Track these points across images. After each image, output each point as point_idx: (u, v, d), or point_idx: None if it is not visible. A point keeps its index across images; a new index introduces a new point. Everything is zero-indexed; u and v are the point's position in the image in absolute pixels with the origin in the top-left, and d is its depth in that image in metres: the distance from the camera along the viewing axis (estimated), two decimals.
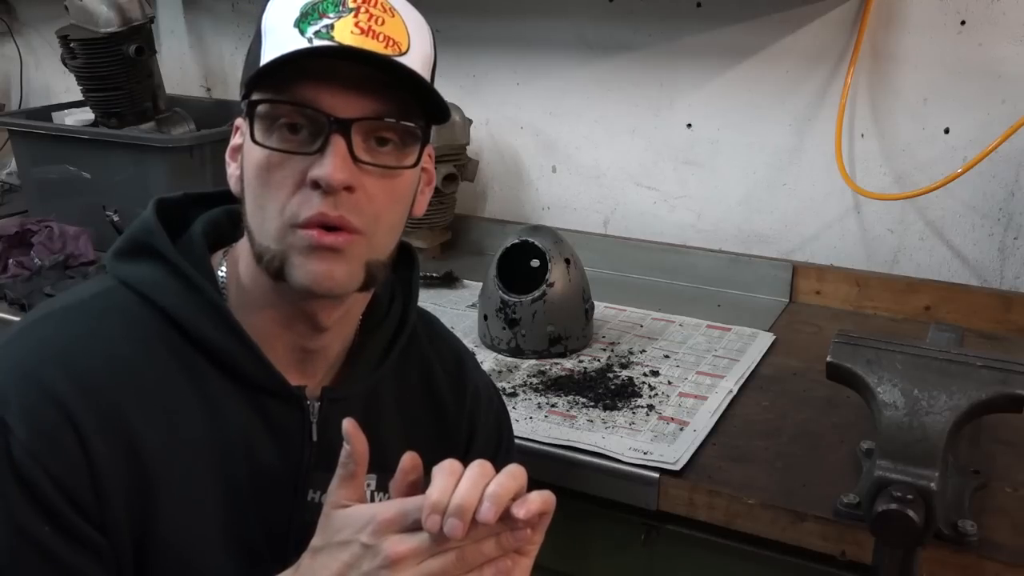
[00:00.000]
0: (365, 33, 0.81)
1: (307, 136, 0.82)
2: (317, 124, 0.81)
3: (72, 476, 0.78)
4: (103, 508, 0.80)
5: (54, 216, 1.95)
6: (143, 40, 1.96)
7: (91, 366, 0.81)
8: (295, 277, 0.83)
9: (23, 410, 0.78)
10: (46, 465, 0.77)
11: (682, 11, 1.86)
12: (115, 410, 0.81)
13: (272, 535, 0.89)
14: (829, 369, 1.09)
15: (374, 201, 0.83)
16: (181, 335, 0.86)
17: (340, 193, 0.81)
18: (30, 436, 0.77)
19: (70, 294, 0.90)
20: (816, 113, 1.80)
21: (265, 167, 0.83)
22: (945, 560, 1.07)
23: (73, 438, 0.78)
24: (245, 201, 0.87)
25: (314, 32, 0.81)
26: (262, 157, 0.83)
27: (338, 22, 0.81)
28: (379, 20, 0.83)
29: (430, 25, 0.90)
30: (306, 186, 0.81)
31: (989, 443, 1.28)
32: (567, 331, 1.56)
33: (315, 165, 0.80)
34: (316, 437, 0.92)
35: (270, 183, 0.83)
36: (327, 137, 0.80)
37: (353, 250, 0.83)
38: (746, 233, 1.92)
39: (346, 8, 0.82)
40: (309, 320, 0.89)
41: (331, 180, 0.79)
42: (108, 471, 0.80)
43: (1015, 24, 1.61)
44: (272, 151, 0.82)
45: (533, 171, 2.11)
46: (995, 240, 1.72)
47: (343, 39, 0.80)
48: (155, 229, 0.89)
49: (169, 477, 0.83)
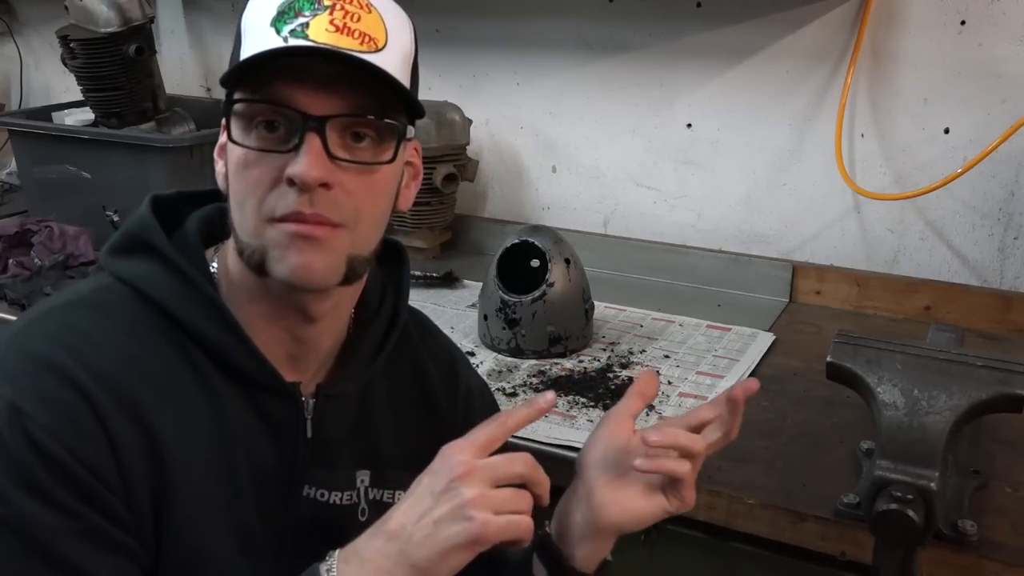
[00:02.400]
0: (340, 31, 0.81)
1: (283, 134, 0.82)
2: (292, 122, 0.81)
3: (97, 456, 0.78)
4: (128, 491, 0.80)
5: (54, 216, 1.95)
6: (143, 40, 1.96)
7: (102, 357, 0.81)
8: (276, 270, 0.83)
9: (41, 396, 0.78)
10: (72, 447, 0.77)
11: (682, 11, 1.86)
12: (130, 398, 0.81)
13: (268, 528, 0.90)
14: (829, 369, 1.09)
15: (353, 196, 0.84)
16: (179, 330, 0.86)
17: (316, 190, 0.81)
18: (52, 419, 0.77)
19: (68, 292, 0.90)
20: (816, 113, 1.80)
21: (243, 165, 0.83)
22: (945, 560, 1.07)
23: (94, 422, 0.78)
24: (229, 198, 0.87)
25: (289, 31, 0.81)
26: (241, 155, 0.84)
27: (313, 20, 0.81)
28: (355, 16, 0.83)
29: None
30: (283, 183, 0.82)
31: (989, 443, 1.28)
32: (567, 331, 1.56)
33: (291, 163, 0.81)
34: (311, 433, 0.92)
35: (248, 180, 0.83)
36: (302, 135, 0.81)
37: (333, 243, 0.83)
38: (746, 233, 1.92)
39: (321, 6, 0.82)
40: (299, 312, 0.89)
41: (305, 177, 0.80)
42: (130, 455, 0.80)
43: (1015, 24, 1.61)
44: (249, 150, 0.83)
45: (533, 171, 2.11)
46: (995, 240, 1.72)
47: (317, 37, 0.80)
48: (151, 225, 0.90)
49: (182, 465, 0.83)
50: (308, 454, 0.92)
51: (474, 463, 0.80)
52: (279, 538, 0.90)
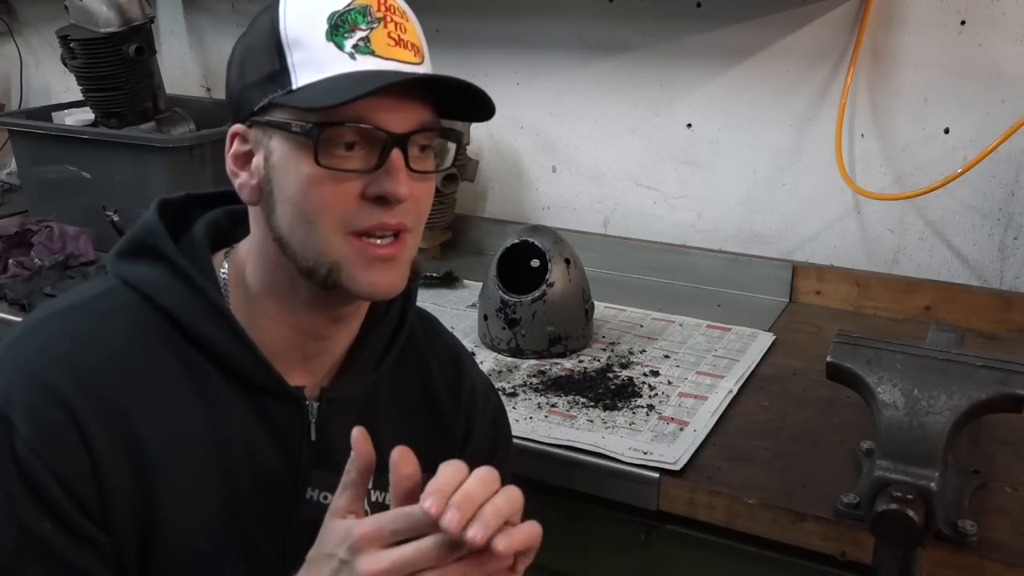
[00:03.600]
0: (397, 44, 0.83)
1: (363, 153, 0.83)
2: (373, 139, 0.83)
3: (75, 474, 0.79)
4: (106, 506, 0.80)
5: (54, 216, 1.95)
6: (143, 40, 1.96)
7: (95, 366, 0.82)
8: (353, 287, 0.85)
9: (27, 408, 0.79)
10: (49, 463, 0.78)
11: (682, 11, 1.86)
12: (118, 409, 0.81)
13: (271, 533, 0.90)
14: (829, 369, 1.09)
15: (419, 203, 0.87)
16: (182, 335, 0.86)
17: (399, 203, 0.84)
18: (34, 434, 0.78)
19: (72, 294, 0.90)
20: (816, 113, 1.80)
21: (317, 183, 0.83)
22: (945, 560, 1.07)
23: (76, 437, 0.79)
24: (274, 212, 0.86)
25: (352, 46, 0.82)
26: (313, 174, 0.83)
27: (372, 34, 0.82)
28: (402, 28, 0.85)
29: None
30: (366, 200, 0.83)
31: (989, 443, 1.28)
32: (567, 331, 1.56)
33: (375, 181, 0.83)
34: (315, 437, 0.92)
35: (323, 198, 0.83)
36: (386, 153, 0.82)
37: (405, 253, 0.87)
38: (746, 233, 1.92)
39: (374, 18, 0.83)
40: (329, 314, 0.91)
41: (398, 195, 0.82)
42: (111, 469, 0.80)
43: (1015, 24, 1.61)
44: (332, 171, 0.82)
45: (533, 171, 2.11)
46: (995, 240, 1.72)
47: (382, 52, 0.82)
48: (158, 230, 0.90)
49: (171, 475, 0.83)
50: (311, 458, 0.92)
51: (378, 567, 0.73)
52: (282, 542, 0.90)
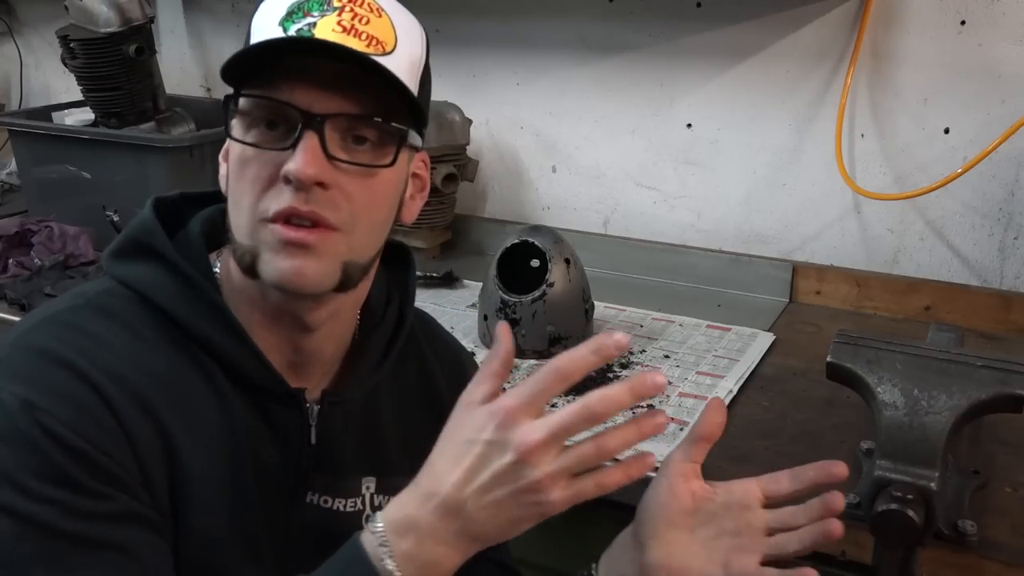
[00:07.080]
0: (347, 31, 0.81)
1: (283, 132, 0.81)
2: (292, 120, 0.81)
3: (117, 448, 0.77)
4: (149, 488, 0.79)
5: (54, 216, 1.95)
6: (143, 40, 1.96)
7: (112, 359, 0.80)
8: (265, 273, 0.82)
9: (56, 391, 0.76)
10: (90, 437, 0.75)
11: (682, 11, 1.86)
12: (143, 399, 0.80)
13: (274, 536, 0.89)
14: (829, 369, 1.09)
15: (351, 200, 0.82)
16: (184, 334, 0.85)
17: (313, 189, 0.80)
18: (69, 413, 0.75)
19: (71, 295, 0.89)
20: (816, 113, 1.80)
21: (241, 163, 0.83)
22: (945, 560, 1.07)
23: (109, 416, 0.77)
24: (228, 199, 0.87)
25: (296, 30, 0.80)
26: (240, 153, 0.83)
27: (320, 20, 0.81)
28: (363, 19, 0.82)
29: (426, 27, 0.90)
30: (279, 182, 0.80)
31: (989, 443, 1.28)
32: (567, 331, 1.56)
33: (287, 160, 0.80)
34: (315, 440, 0.91)
35: (245, 178, 0.82)
36: (300, 133, 0.80)
37: (327, 247, 0.82)
38: (746, 233, 1.92)
39: (330, 7, 0.82)
40: (296, 322, 0.88)
41: (300, 175, 0.78)
42: (149, 454, 0.79)
43: (1015, 24, 1.61)
44: (247, 146, 0.82)
45: (533, 171, 2.11)
46: (995, 240, 1.72)
47: (324, 36, 0.80)
48: (154, 229, 0.89)
49: (194, 465, 0.82)
50: (312, 461, 0.91)
51: (535, 437, 0.72)
52: (284, 546, 0.89)
